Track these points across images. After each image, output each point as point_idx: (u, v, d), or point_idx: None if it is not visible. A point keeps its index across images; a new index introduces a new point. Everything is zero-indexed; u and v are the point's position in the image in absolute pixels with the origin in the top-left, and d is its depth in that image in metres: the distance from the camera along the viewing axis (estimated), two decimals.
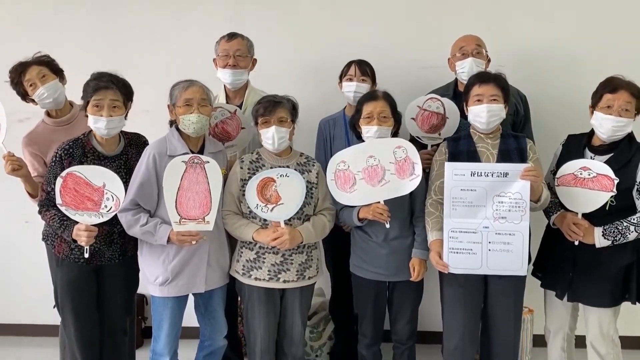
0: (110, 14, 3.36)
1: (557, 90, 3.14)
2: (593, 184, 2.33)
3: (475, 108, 2.37)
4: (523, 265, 2.30)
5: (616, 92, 2.33)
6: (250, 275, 2.46)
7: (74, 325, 2.47)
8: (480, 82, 2.38)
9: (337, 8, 3.29)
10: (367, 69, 2.82)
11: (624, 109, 2.32)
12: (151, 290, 2.45)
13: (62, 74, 2.65)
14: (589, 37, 3.18)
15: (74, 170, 2.30)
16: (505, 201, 2.27)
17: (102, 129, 2.34)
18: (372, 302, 2.57)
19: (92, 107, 2.34)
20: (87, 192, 2.30)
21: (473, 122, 2.42)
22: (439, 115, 2.72)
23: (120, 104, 2.38)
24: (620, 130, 2.35)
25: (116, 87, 2.37)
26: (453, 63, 2.81)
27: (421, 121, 2.75)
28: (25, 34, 3.38)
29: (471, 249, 2.31)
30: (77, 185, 2.29)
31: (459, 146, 2.45)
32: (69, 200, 2.30)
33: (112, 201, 2.32)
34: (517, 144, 2.42)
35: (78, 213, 2.30)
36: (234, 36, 2.79)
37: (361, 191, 2.43)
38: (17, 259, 3.56)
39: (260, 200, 2.37)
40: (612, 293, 2.41)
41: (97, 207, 2.31)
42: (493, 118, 2.36)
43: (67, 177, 2.29)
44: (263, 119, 2.42)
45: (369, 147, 2.46)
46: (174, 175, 2.29)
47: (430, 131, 2.74)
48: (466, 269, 2.33)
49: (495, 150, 2.40)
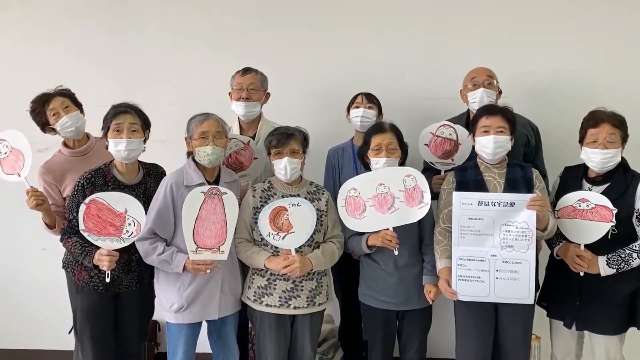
0: (126, 43, 3.46)
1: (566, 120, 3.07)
2: (592, 215, 2.36)
3: (482, 139, 2.42)
4: (530, 294, 2.33)
5: (598, 125, 2.39)
6: (261, 301, 2.49)
7: (92, 351, 2.50)
8: (487, 114, 2.43)
9: (345, 40, 3.37)
10: (374, 99, 2.91)
11: (608, 141, 2.37)
12: (167, 317, 2.50)
13: (81, 108, 2.74)
14: (597, 67, 3.23)
15: (97, 197, 2.35)
16: (512, 230, 2.31)
17: (122, 150, 2.41)
18: (381, 330, 2.59)
19: (113, 131, 2.41)
20: (109, 218, 2.35)
21: (480, 152, 2.47)
22: (451, 141, 2.77)
23: (139, 128, 2.46)
24: (610, 161, 2.39)
25: (134, 112, 2.47)
26: (465, 94, 2.84)
27: (434, 147, 2.80)
28: (39, 67, 3.47)
29: (479, 276, 2.33)
30: (99, 211, 2.34)
31: (466, 176, 2.49)
32: (92, 227, 2.34)
33: (133, 226, 2.36)
34: (523, 174, 2.45)
35: (100, 238, 2.34)
36: (248, 71, 2.89)
37: (371, 218, 2.48)
38: (33, 285, 3.61)
39: (272, 229, 2.41)
40: (618, 320, 2.43)
41: (119, 232, 2.35)
42: (499, 149, 2.40)
43: (90, 204, 2.34)
44: (276, 150, 2.49)
45: (380, 175, 2.51)
46: (193, 205, 2.35)
47: (444, 157, 2.79)
48: (474, 296, 2.36)
49: (502, 180, 2.44)
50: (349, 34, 3.38)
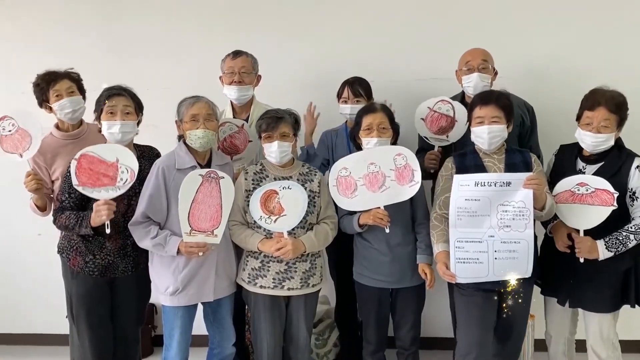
0: (118, 27, 3.44)
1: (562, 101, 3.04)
2: (592, 199, 2.33)
3: (477, 129, 2.41)
4: (528, 270, 2.32)
5: (594, 109, 2.36)
6: (255, 283, 2.51)
7: (89, 336, 2.51)
8: (481, 104, 2.41)
9: (338, 22, 3.36)
10: (360, 89, 2.87)
11: (602, 126, 2.35)
12: (162, 300, 2.50)
13: (84, 95, 2.70)
14: (592, 50, 3.21)
15: (87, 151, 2.35)
16: (509, 210, 2.29)
17: (116, 133, 2.40)
18: (375, 309, 2.62)
19: (106, 113, 2.40)
20: (102, 169, 2.34)
21: (475, 142, 2.46)
22: (448, 117, 2.76)
23: (132, 111, 2.45)
24: (601, 145, 2.38)
25: (128, 94, 2.45)
26: (460, 76, 2.83)
27: (430, 122, 2.79)
28: (31, 47, 3.47)
29: (477, 258, 2.32)
30: (91, 164, 2.33)
31: (465, 161, 2.47)
32: (86, 180, 2.33)
33: (127, 173, 2.35)
34: (522, 158, 2.45)
35: (95, 190, 2.33)
36: (238, 54, 2.86)
37: (362, 197, 2.49)
38: (28, 271, 3.63)
39: (264, 212, 2.42)
40: (612, 298, 2.45)
41: (113, 181, 2.34)
42: (495, 139, 2.39)
43: (81, 159, 2.34)
44: (266, 134, 2.48)
45: (370, 154, 2.52)
46: (190, 187, 2.35)
47: (439, 132, 2.78)
48: (473, 277, 2.34)
49: (502, 165, 2.43)
50: (342, 14, 3.35)
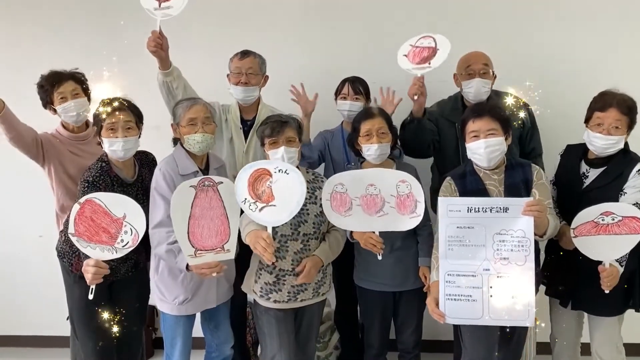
0: (119, 28, 3.39)
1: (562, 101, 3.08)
2: (620, 228, 2.15)
3: (473, 145, 2.22)
4: (530, 315, 2.06)
5: (605, 110, 2.28)
6: (269, 297, 2.40)
7: (91, 339, 2.46)
8: (474, 117, 2.23)
9: (336, 23, 3.34)
10: (360, 87, 2.85)
11: (613, 127, 2.28)
12: (166, 309, 2.42)
13: (89, 96, 2.67)
14: (593, 50, 3.19)
15: (94, 197, 2.10)
16: (507, 240, 2.07)
17: (119, 150, 2.28)
18: (378, 313, 2.60)
19: (107, 130, 2.28)
20: (104, 223, 2.09)
21: (473, 159, 2.27)
22: (430, 48, 2.62)
23: (133, 125, 2.33)
24: (611, 147, 2.32)
25: (128, 108, 2.34)
26: (459, 80, 2.77)
27: (412, 56, 2.65)
28: (25, 49, 3.45)
29: (470, 295, 2.07)
30: (94, 214, 2.09)
31: (466, 185, 2.29)
32: (83, 231, 2.08)
33: (129, 235, 2.11)
34: (523, 175, 2.26)
35: (90, 246, 2.08)
36: (246, 54, 2.81)
37: (356, 217, 2.28)
38: (29, 272, 3.62)
39: (250, 195, 2.13)
40: (616, 301, 2.40)
41: (112, 240, 2.09)
42: (494, 154, 2.20)
43: (85, 204, 2.09)
44: (271, 139, 2.35)
45: (371, 175, 2.33)
46: (182, 202, 2.09)
47: (421, 63, 2.62)
48: (465, 319, 2.11)
49: (502, 187, 2.24)
50: (339, 15, 3.34)
